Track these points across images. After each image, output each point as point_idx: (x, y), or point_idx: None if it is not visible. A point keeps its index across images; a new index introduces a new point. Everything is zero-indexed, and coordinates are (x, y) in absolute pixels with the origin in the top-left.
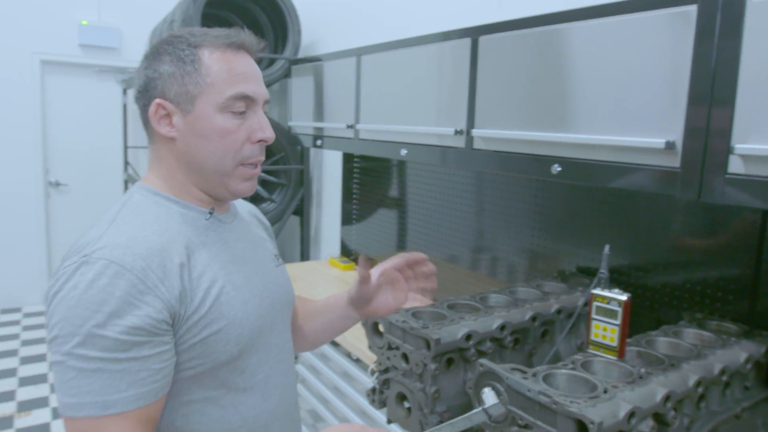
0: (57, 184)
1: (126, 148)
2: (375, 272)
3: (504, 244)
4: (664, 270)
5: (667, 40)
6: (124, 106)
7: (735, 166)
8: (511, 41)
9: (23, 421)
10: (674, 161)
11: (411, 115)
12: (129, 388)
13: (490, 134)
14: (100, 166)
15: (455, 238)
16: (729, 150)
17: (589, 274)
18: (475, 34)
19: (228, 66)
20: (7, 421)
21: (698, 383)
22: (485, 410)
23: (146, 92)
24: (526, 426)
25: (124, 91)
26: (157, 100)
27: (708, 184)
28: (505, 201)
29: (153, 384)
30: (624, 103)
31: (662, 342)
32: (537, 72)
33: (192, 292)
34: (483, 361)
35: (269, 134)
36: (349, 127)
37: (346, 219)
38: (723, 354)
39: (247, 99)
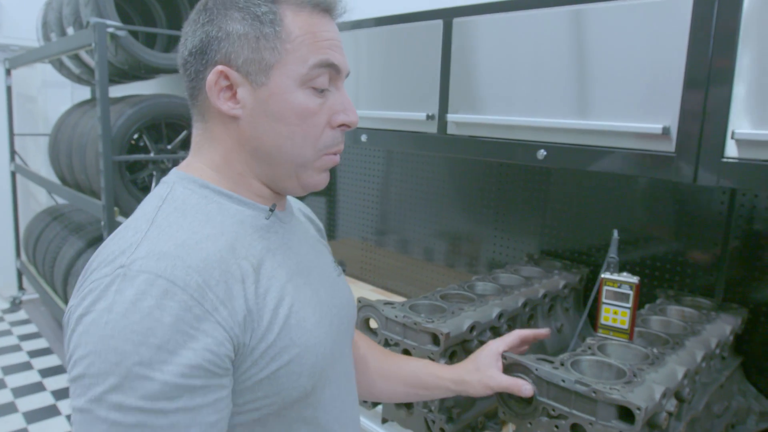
0: None
1: (12, 135)
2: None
3: (446, 229)
4: (632, 249)
5: (662, 27)
6: (8, 88)
7: (731, 150)
8: (490, 24)
9: None
10: (669, 146)
11: (372, 99)
12: None
13: (466, 119)
14: None
15: (401, 225)
16: (726, 135)
17: (557, 257)
18: (448, 16)
19: (313, 30)
20: None
21: (703, 359)
22: None
23: (202, 55)
24: (559, 416)
25: (8, 72)
26: (220, 67)
27: (704, 168)
28: (451, 185)
29: None
30: (617, 87)
31: (655, 320)
32: (519, 56)
33: (259, 314)
34: (507, 353)
35: (354, 118)
36: None
37: None
38: (712, 328)
39: (332, 70)
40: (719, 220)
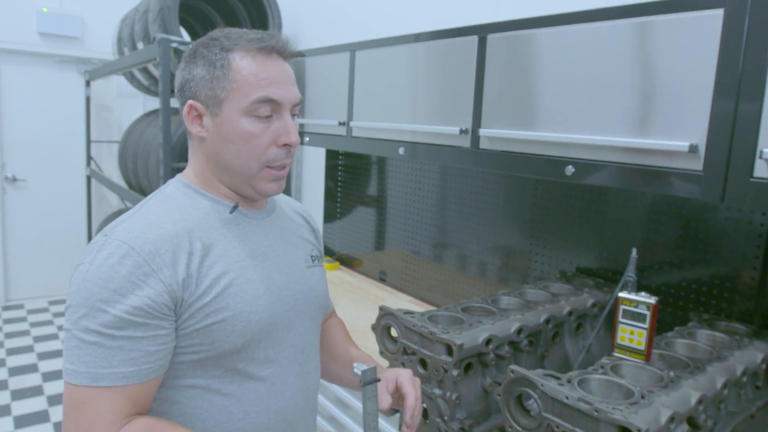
0: (14, 180)
1: (89, 142)
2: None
3: (488, 243)
4: (669, 270)
5: (691, 44)
6: (87, 99)
7: (761, 170)
8: (522, 41)
9: None
10: (696, 164)
11: (410, 113)
12: (120, 365)
13: (498, 134)
14: (60, 161)
15: (443, 238)
16: (755, 154)
17: (592, 275)
18: (483, 32)
19: (256, 70)
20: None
21: (724, 385)
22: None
23: (182, 93)
24: None
25: (87, 83)
26: (190, 102)
27: (732, 188)
28: (494, 200)
29: (144, 365)
30: (644, 105)
31: (680, 344)
32: (549, 72)
33: (198, 280)
34: (514, 367)
35: (294, 139)
36: (342, 124)
37: (329, 217)
38: (741, 355)
39: (273, 103)
40: (759, 243)
